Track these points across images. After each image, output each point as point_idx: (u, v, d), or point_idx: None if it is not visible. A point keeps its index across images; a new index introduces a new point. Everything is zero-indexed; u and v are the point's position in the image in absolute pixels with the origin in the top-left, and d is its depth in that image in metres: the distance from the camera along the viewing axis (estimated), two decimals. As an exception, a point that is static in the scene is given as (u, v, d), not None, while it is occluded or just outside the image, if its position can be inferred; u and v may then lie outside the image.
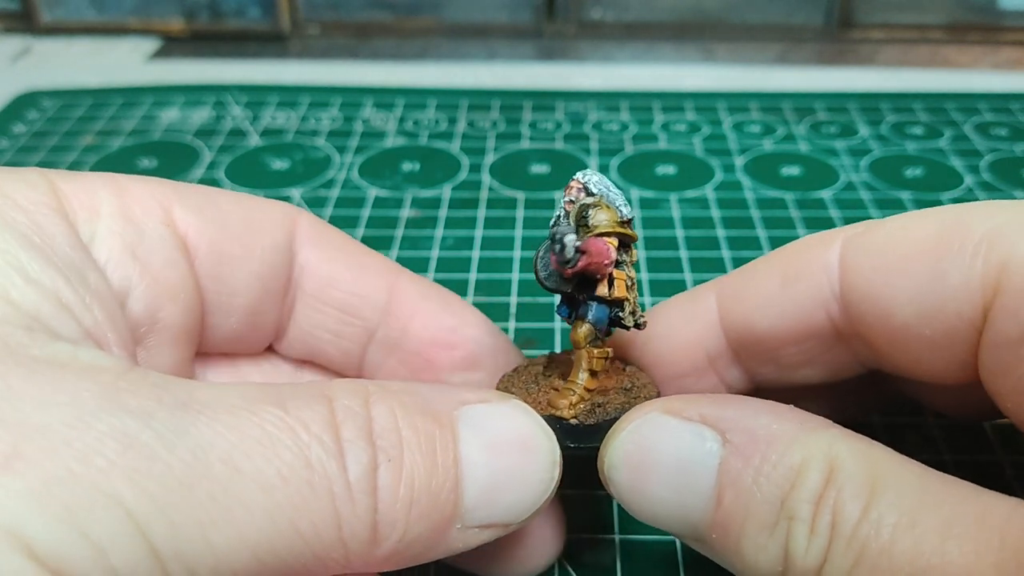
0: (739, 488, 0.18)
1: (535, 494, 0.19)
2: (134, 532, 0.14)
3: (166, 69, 0.64)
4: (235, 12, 0.69)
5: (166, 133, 0.54)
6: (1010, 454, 0.29)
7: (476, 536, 0.19)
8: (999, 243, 0.19)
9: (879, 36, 0.69)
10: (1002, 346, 0.19)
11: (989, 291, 0.19)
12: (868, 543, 0.16)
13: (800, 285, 0.22)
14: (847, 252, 0.22)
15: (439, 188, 0.48)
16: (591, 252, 0.20)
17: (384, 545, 0.17)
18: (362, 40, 0.70)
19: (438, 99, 0.59)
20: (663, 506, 0.19)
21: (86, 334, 0.17)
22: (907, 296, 0.20)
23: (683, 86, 0.61)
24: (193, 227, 0.22)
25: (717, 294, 0.24)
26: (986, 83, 0.61)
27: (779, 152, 0.52)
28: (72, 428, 0.14)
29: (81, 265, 0.18)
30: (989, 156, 0.51)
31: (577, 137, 0.54)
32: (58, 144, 0.52)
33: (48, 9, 0.69)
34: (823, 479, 0.17)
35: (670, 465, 0.19)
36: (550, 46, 0.69)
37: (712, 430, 0.19)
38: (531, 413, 0.20)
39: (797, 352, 0.23)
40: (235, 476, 0.15)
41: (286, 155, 0.51)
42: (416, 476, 0.17)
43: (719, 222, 0.44)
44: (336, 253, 0.24)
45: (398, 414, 0.18)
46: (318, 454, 0.16)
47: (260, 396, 0.16)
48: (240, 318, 0.23)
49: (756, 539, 0.18)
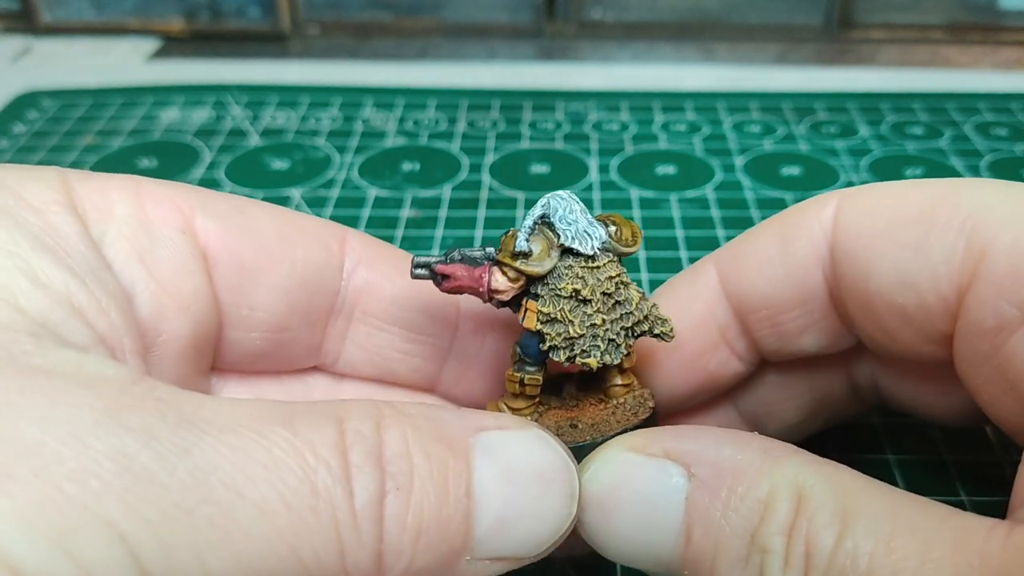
0: (708, 523, 0.18)
1: (551, 528, 0.18)
2: (125, 556, 0.13)
3: (166, 69, 0.64)
4: (235, 12, 0.69)
5: (166, 133, 0.54)
6: (1010, 454, 0.29)
7: (486, 569, 0.18)
8: (983, 227, 0.19)
9: (879, 36, 0.69)
10: (976, 335, 0.19)
11: (967, 275, 0.19)
12: (845, 573, 0.16)
13: (798, 243, 0.22)
14: (842, 209, 0.22)
15: (439, 188, 0.48)
16: (454, 276, 0.21)
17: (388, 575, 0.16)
18: (362, 40, 0.70)
19: (438, 99, 0.59)
20: (633, 545, 0.19)
21: (98, 340, 0.17)
22: (887, 263, 0.20)
23: (683, 86, 0.61)
24: (215, 236, 0.21)
25: (716, 264, 0.24)
26: (986, 83, 0.61)
27: (779, 152, 0.52)
28: (67, 447, 0.13)
29: (97, 267, 0.18)
30: (989, 156, 0.51)
31: (577, 137, 0.54)
32: (58, 144, 0.52)
33: (48, 9, 0.69)
34: (792, 509, 0.17)
35: (636, 503, 0.19)
36: (550, 46, 0.69)
37: (677, 465, 0.18)
38: (552, 442, 0.19)
39: (798, 316, 0.23)
40: (237, 500, 0.14)
41: (286, 155, 0.51)
42: (426, 505, 0.16)
43: (719, 222, 0.44)
44: (394, 272, 0.24)
45: (410, 439, 0.17)
46: (324, 479, 0.15)
47: (269, 415, 0.16)
48: (264, 335, 0.22)
49: (729, 574, 0.17)
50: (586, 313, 0.21)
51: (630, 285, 0.22)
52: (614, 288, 0.21)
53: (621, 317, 0.21)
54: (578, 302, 0.21)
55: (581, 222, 0.21)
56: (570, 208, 0.21)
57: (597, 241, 0.21)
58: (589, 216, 0.21)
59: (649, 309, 0.22)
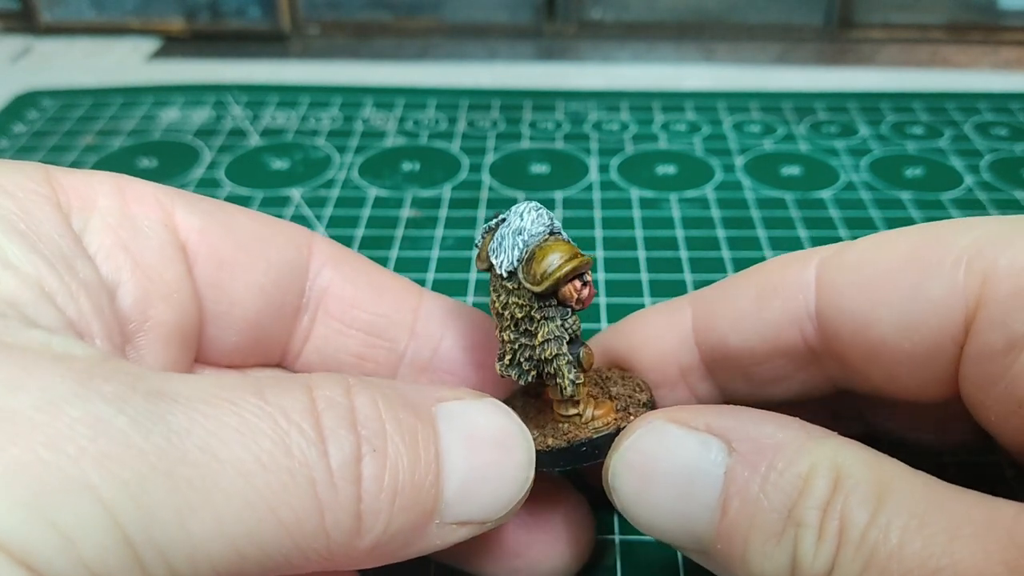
0: (745, 497, 0.18)
1: (511, 491, 0.19)
2: (105, 520, 0.13)
3: (166, 69, 0.64)
4: (235, 12, 0.69)
5: (166, 133, 0.54)
6: (1011, 455, 0.29)
7: (453, 533, 0.18)
8: (980, 255, 0.19)
9: (879, 36, 0.69)
10: (986, 357, 0.19)
11: (972, 302, 0.19)
12: (877, 547, 0.16)
13: (775, 302, 0.22)
14: (823, 271, 0.22)
15: (439, 188, 0.48)
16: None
17: (367, 537, 0.17)
18: (362, 40, 0.70)
19: (438, 99, 0.59)
20: (667, 516, 0.19)
21: (67, 324, 0.17)
22: (886, 310, 0.20)
23: (683, 86, 0.61)
24: (195, 231, 0.21)
25: (692, 308, 0.24)
26: (986, 83, 0.61)
27: (779, 152, 0.52)
28: (42, 413, 0.13)
29: (70, 254, 0.18)
30: (989, 156, 0.51)
31: (577, 137, 0.54)
32: (58, 144, 0.52)
33: (48, 9, 0.69)
34: (830, 486, 0.17)
35: (675, 474, 0.19)
36: (550, 46, 0.69)
37: (718, 439, 0.19)
38: (507, 411, 0.20)
39: (769, 369, 0.23)
40: (213, 463, 0.15)
41: (286, 155, 0.51)
42: (400, 467, 0.17)
43: (719, 222, 0.44)
44: (357, 275, 0.24)
45: (381, 406, 0.17)
46: (298, 441, 0.16)
47: (238, 385, 0.16)
48: (241, 332, 0.23)
49: (762, 548, 0.17)
50: (499, 326, 0.21)
51: (545, 324, 0.21)
52: (522, 316, 0.21)
53: (525, 348, 0.21)
54: (495, 312, 0.21)
55: (508, 240, 0.21)
56: (512, 223, 0.21)
57: (508, 264, 0.21)
58: (526, 238, 0.20)
59: (553, 357, 0.21)
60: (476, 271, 0.40)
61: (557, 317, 0.21)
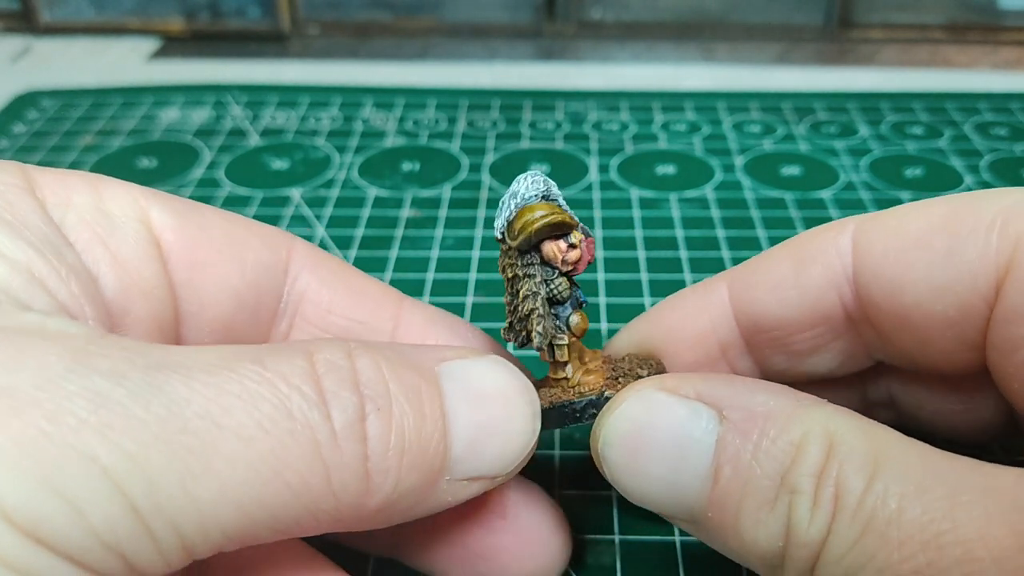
0: (737, 465, 0.18)
1: (518, 445, 0.19)
2: (111, 489, 0.13)
3: (166, 69, 0.64)
4: (235, 12, 0.69)
5: (166, 133, 0.54)
6: (1010, 454, 0.29)
7: (464, 489, 0.19)
8: (1014, 219, 0.19)
9: (879, 36, 0.69)
10: (1012, 320, 0.19)
11: (1003, 266, 0.19)
12: (875, 513, 0.16)
13: (813, 268, 0.23)
14: (860, 234, 0.22)
15: (439, 188, 0.48)
16: None
17: (376, 496, 0.17)
18: (362, 40, 0.70)
19: (438, 99, 0.59)
20: (658, 485, 0.19)
21: (60, 307, 0.17)
22: (920, 273, 0.20)
23: (683, 86, 0.61)
24: (170, 229, 0.21)
25: (729, 283, 0.24)
26: (986, 83, 0.61)
27: (779, 152, 0.52)
28: (41, 389, 0.14)
29: (57, 241, 0.18)
30: (989, 156, 0.51)
31: (577, 137, 0.54)
32: (58, 144, 0.52)
33: (48, 9, 0.69)
34: (823, 453, 0.17)
35: (666, 442, 0.19)
36: (550, 46, 0.69)
37: (709, 407, 0.19)
38: (509, 367, 0.20)
39: (809, 337, 0.23)
40: (214, 430, 0.15)
41: (286, 155, 0.51)
42: (406, 425, 0.17)
43: (719, 222, 0.44)
44: (336, 280, 0.24)
45: (383, 367, 0.17)
46: (299, 404, 0.16)
47: (237, 354, 0.16)
48: (214, 333, 0.22)
49: (755, 515, 0.17)
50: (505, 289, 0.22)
51: (526, 282, 0.21)
52: (511, 276, 0.22)
53: (517, 309, 0.22)
54: (504, 280, 0.22)
55: (504, 204, 0.21)
56: (512, 189, 0.21)
57: (501, 225, 0.21)
58: (518, 200, 0.21)
59: (529, 312, 0.21)
60: (476, 271, 0.40)
61: (538, 275, 0.21)
